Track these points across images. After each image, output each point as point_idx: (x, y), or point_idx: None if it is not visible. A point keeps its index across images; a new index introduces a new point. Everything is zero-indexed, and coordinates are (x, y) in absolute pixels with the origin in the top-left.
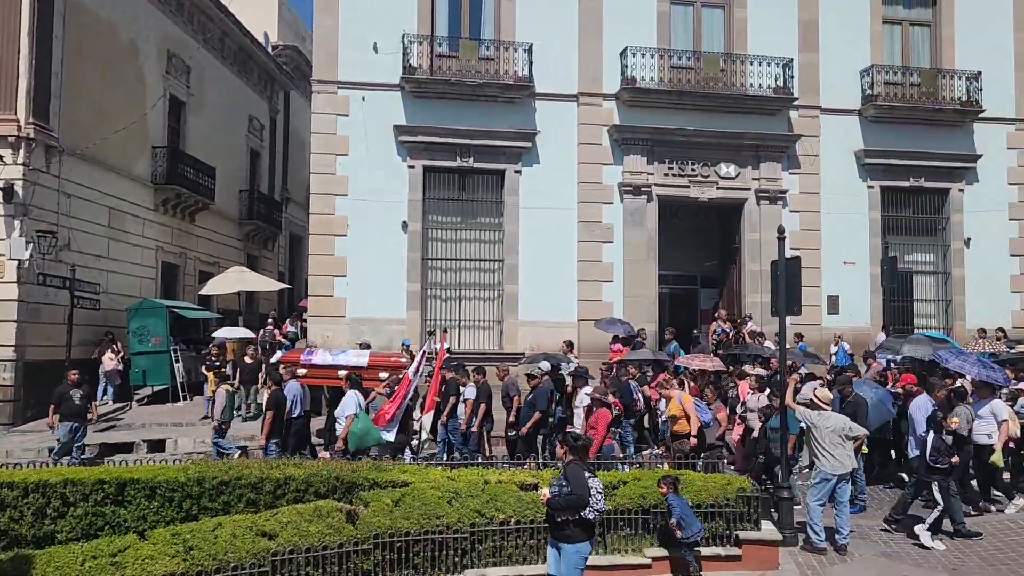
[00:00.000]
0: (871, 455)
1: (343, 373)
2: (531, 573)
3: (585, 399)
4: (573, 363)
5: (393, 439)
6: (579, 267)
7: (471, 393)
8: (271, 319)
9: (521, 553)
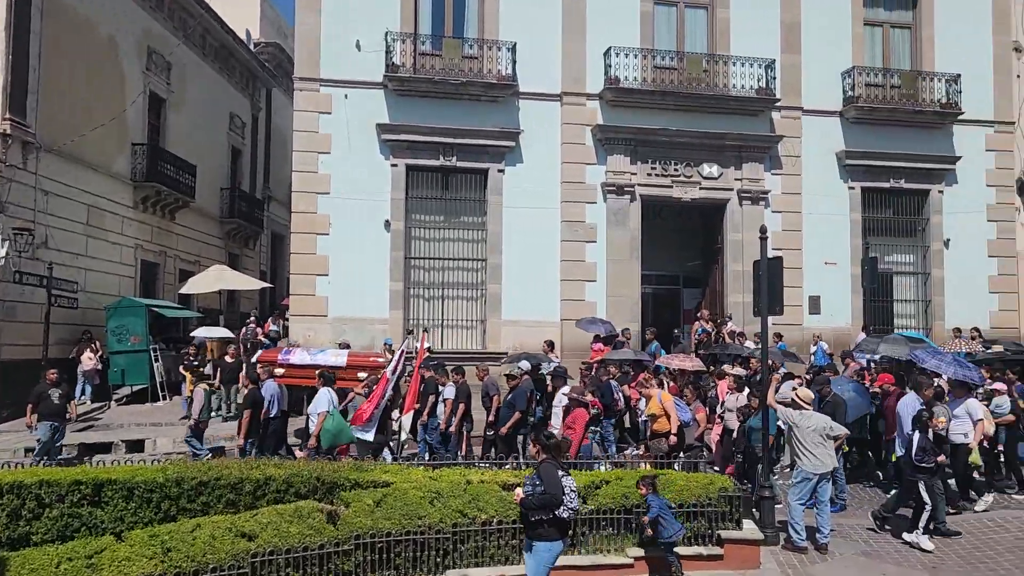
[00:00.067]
0: (848, 453)
1: None
2: (513, 573)
3: (563, 399)
4: (554, 363)
5: (372, 439)
6: (562, 267)
7: (450, 393)
8: (253, 317)
9: (503, 553)
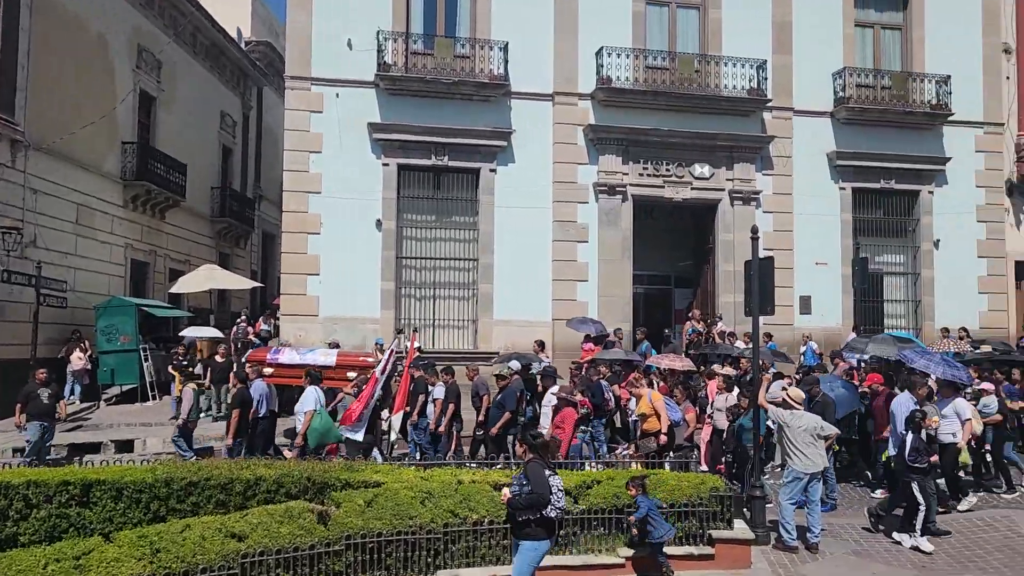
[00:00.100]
0: (837, 453)
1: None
2: (504, 573)
3: (552, 399)
4: (544, 363)
5: (361, 439)
6: (554, 266)
7: (440, 393)
8: (243, 316)
9: (495, 553)
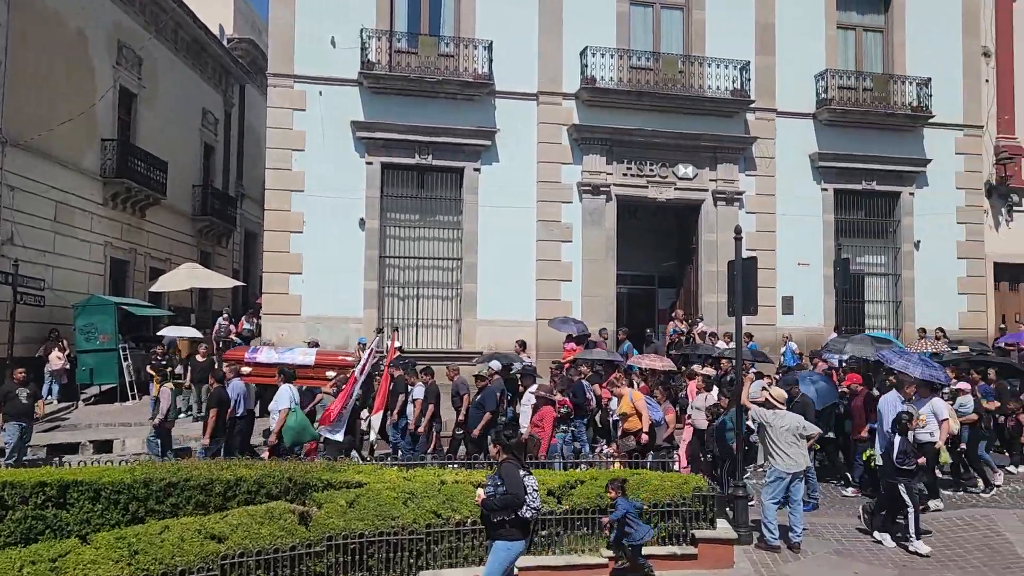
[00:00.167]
0: (817, 451)
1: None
2: None
3: (531, 397)
4: (525, 363)
5: (341, 439)
6: (538, 266)
7: (419, 393)
8: (225, 314)
9: (477, 554)
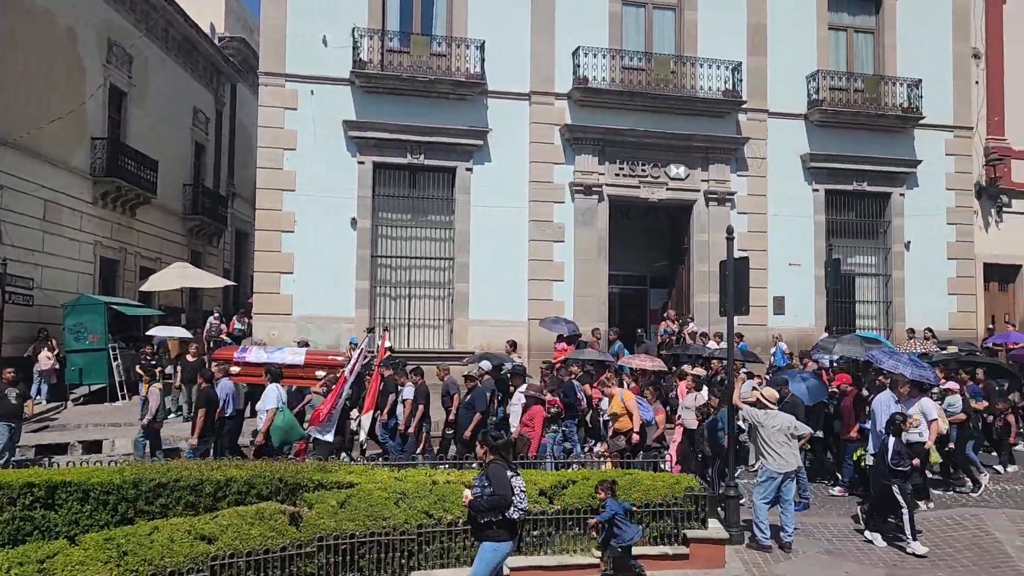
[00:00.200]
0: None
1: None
2: None
3: (521, 397)
4: (516, 363)
5: (331, 440)
6: (530, 266)
7: (409, 393)
8: (216, 313)
9: (469, 554)
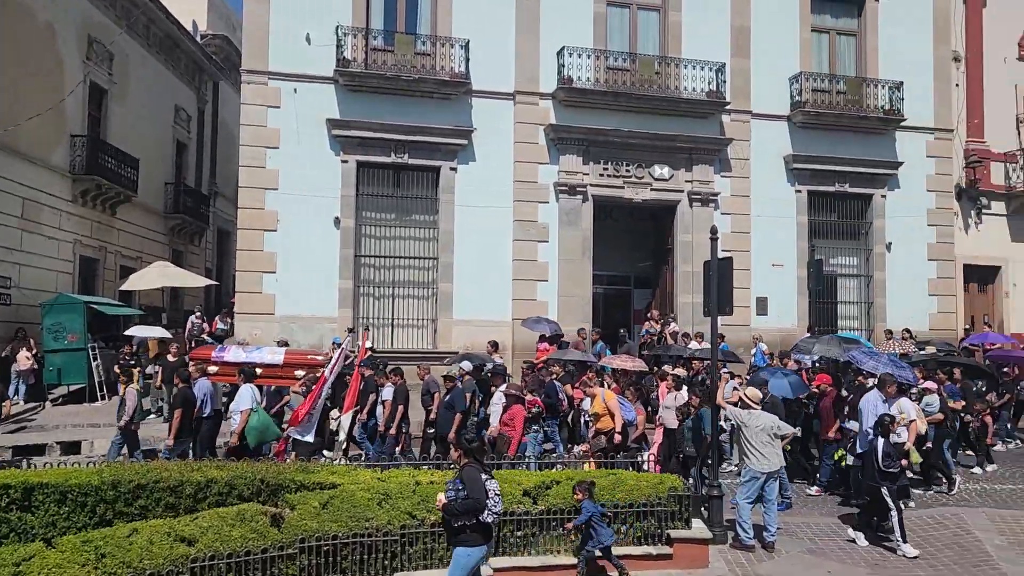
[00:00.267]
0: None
1: (260, 371)
2: None
3: (501, 396)
4: (497, 363)
5: (312, 440)
6: (514, 266)
7: (388, 394)
8: (197, 312)
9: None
